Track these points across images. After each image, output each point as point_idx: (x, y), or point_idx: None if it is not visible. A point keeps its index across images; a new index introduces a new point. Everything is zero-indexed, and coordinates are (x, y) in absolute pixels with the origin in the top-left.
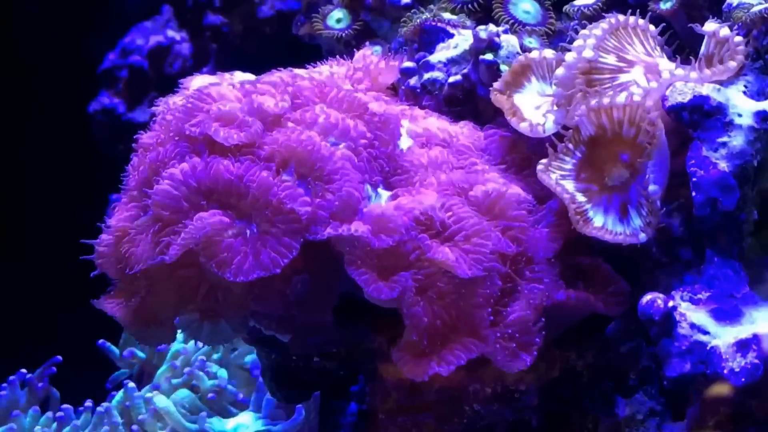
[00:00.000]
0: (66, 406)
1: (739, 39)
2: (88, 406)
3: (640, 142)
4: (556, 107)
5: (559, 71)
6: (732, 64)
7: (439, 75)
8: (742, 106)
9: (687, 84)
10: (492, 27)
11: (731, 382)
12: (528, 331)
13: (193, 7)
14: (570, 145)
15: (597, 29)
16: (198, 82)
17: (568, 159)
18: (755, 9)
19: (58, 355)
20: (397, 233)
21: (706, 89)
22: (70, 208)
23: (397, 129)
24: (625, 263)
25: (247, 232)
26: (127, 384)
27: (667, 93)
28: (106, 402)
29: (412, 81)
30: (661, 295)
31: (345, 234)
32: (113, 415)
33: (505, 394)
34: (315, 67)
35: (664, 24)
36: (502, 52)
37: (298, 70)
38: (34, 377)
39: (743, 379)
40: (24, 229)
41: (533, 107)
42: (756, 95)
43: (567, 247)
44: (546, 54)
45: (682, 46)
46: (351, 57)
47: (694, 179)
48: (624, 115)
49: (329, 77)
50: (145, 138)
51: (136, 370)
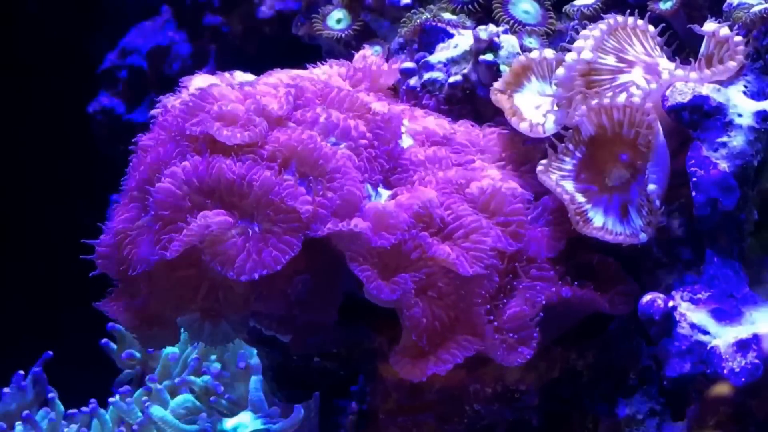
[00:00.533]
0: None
1: (739, 39)
2: (85, 410)
3: (639, 142)
4: (556, 107)
5: (559, 72)
6: (732, 64)
7: (439, 75)
8: (742, 106)
9: (687, 84)
10: (492, 27)
11: (731, 382)
12: (525, 325)
13: (193, 7)
14: (570, 146)
15: (596, 30)
16: (198, 81)
17: (568, 159)
18: (755, 9)
19: (60, 355)
20: (398, 230)
21: (706, 89)
22: (70, 209)
23: (399, 128)
24: (625, 263)
25: (250, 232)
26: (117, 393)
27: (667, 93)
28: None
29: (412, 81)
30: (661, 295)
31: (345, 229)
32: (107, 421)
33: (505, 393)
34: (315, 68)
35: (663, 24)
36: (502, 53)
37: (299, 71)
38: (28, 381)
39: (743, 379)
40: (24, 229)
41: (533, 107)
42: (756, 95)
43: (571, 245)
44: (546, 54)
45: (682, 46)
46: (351, 57)
47: (695, 179)
48: (624, 115)
49: (330, 77)
50: (144, 139)
51: (138, 370)
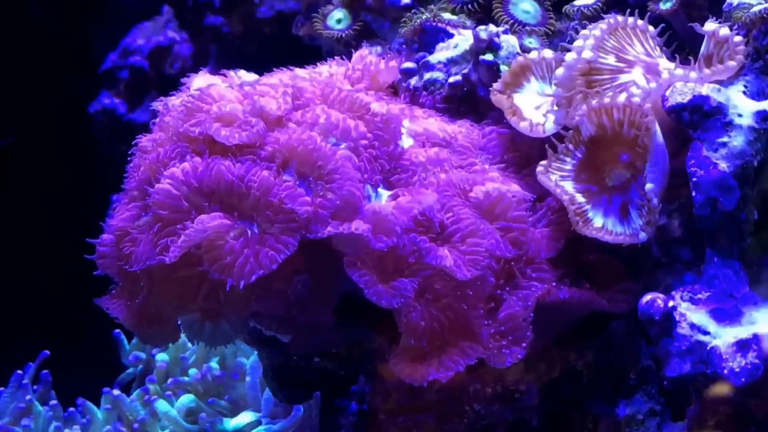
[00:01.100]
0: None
1: (738, 39)
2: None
3: (638, 143)
4: (556, 107)
5: (559, 72)
6: (732, 64)
7: (439, 75)
8: (742, 106)
9: (687, 84)
10: (492, 27)
11: (731, 382)
12: (518, 326)
13: (193, 7)
14: (570, 146)
15: (596, 30)
16: (199, 81)
17: (568, 159)
18: (755, 9)
19: (60, 355)
20: (396, 234)
21: (706, 89)
22: (71, 208)
23: (398, 128)
24: (625, 263)
25: (249, 233)
26: (111, 392)
27: (667, 93)
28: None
29: (413, 81)
30: (661, 295)
31: (345, 232)
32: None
33: (505, 394)
34: (315, 68)
35: (663, 24)
36: (502, 53)
37: (299, 70)
38: (27, 381)
39: (743, 379)
40: (24, 229)
41: (533, 107)
42: (756, 95)
43: (571, 244)
44: (545, 54)
45: (682, 46)
46: (351, 57)
47: (694, 179)
48: (624, 115)
49: (330, 78)
50: (144, 140)
51: (140, 370)
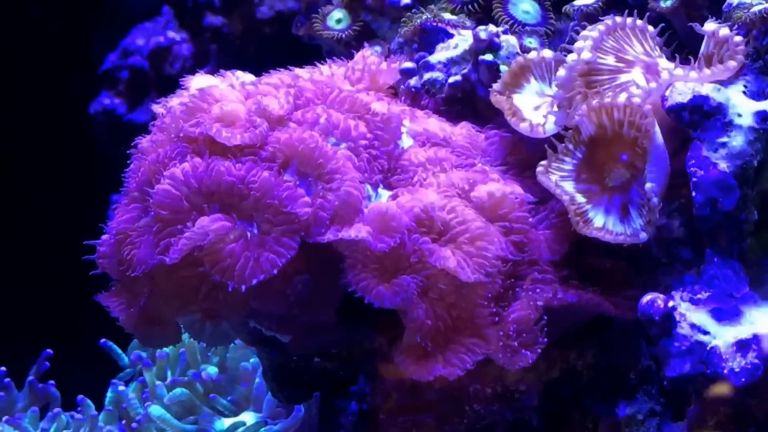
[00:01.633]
0: (57, 409)
1: (738, 39)
2: (77, 417)
3: (638, 144)
4: (556, 108)
5: (561, 73)
6: (732, 64)
7: (439, 75)
8: (742, 106)
9: (687, 84)
10: (492, 27)
11: (731, 382)
12: (530, 330)
13: (193, 7)
14: (570, 146)
15: (595, 30)
16: (198, 81)
17: (568, 160)
18: (755, 9)
19: (58, 355)
20: (398, 233)
21: (706, 89)
22: (71, 209)
23: (399, 129)
24: (625, 263)
25: (248, 234)
26: (117, 386)
27: (667, 93)
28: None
29: (412, 81)
30: (661, 295)
31: (346, 239)
32: (105, 418)
33: (505, 394)
34: (315, 68)
35: (663, 24)
36: (502, 53)
37: (299, 71)
38: (33, 378)
39: (743, 379)
40: (24, 229)
41: (533, 107)
42: (756, 95)
43: (578, 248)
44: (544, 54)
45: (682, 45)
46: (351, 57)
47: (694, 179)
48: (624, 115)
49: (330, 78)
50: (144, 141)
51: (138, 369)
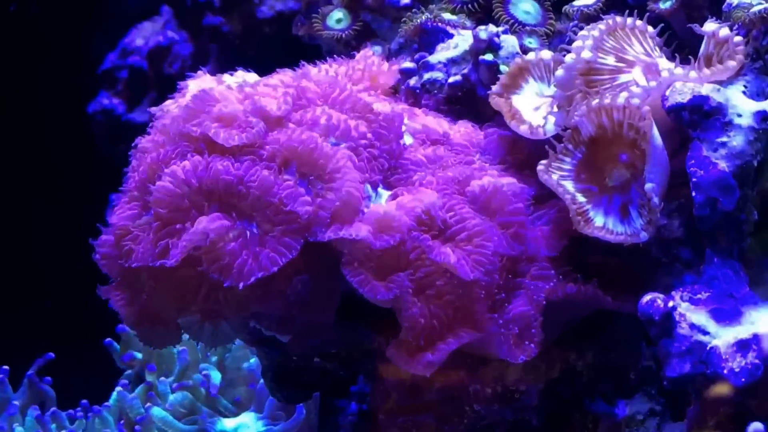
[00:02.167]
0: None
1: (738, 39)
2: (80, 411)
3: (638, 145)
4: (556, 108)
5: (559, 72)
6: (732, 64)
7: (439, 75)
8: (741, 106)
9: (686, 84)
10: (492, 27)
11: (731, 382)
12: (530, 325)
13: (193, 7)
14: (570, 146)
15: (595, 30)
16: (197, 83)
17: (567, 159)
18: (755, 9)
19: (60, 356)
20: (399, 232)
21: (706, 89)
22: (70, 208)
23: (401, 128)
24: (625, 263)
25: (248, 234)
26: (118, 389)
27: (667, 93)
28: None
29: (412, 81)
30: (660, 295)
31: (346, 237)
32: (107, 419)
33: (505, 394)
34: (316, 68)
35: (663, 24)
36: (502, 53)
37: (301, 71)
38: (32, 375)
39: (743, 379)
40: (24, 229)
41: (532, 108)
42: (756, 95)
43: (574, 243)
44: (543, 55)
45: (682, 46)
46: (351, 57)
47: (694, 179)
48: (624, 116)
49: (332, 78)
50: (144, 141)
51: (138, 369)
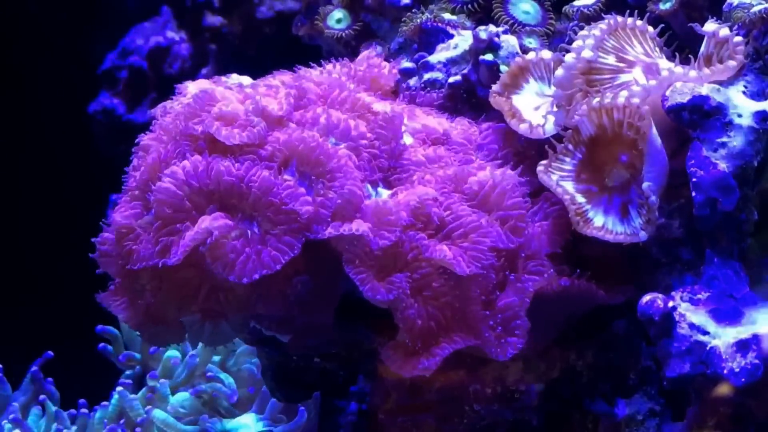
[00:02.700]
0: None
1: (738, 39)
2: (83, 411)
3: (636, 145)
4: (556, 108)
5: (559, 72)
6: (732, 64)
7: (438, 75)
8: (742, 106)
9: (686, 84)
10: (492, 27)
11: (731, 382)
12: (515, 315)
13: (192, 7)
14: (570, 146)
15: (596, 30)
16: (195, 87)
17: (567, 160)
18: (755, 9)
19: (60, 355)
20: (396, 227)
21: (706, 89)
22: (70, 209)
23: (400, 128)
24: (625, 263)
25: (249, 233)
26: (119, 389)
27: (667, 93)
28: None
29: (412, 81)
30: (660, 296)
31: (346, 233)
32: (108, 419)
33: (505, 394)
34: (316, 68)
35: (663, 25)
36: (502, 53)
37: (301, 71)
38: (36, 369)
39: (743, 379)
40: (24, 229)
41: (532, 108)
42: (756, 95)
43: (572, 241)
44: (543, 55)
45: (682, 46)
46: (351, 57)
47: (694, 179)
48: (624, 115)
49: (332, 78)
50: (145, 140)
51: (138, 371)
